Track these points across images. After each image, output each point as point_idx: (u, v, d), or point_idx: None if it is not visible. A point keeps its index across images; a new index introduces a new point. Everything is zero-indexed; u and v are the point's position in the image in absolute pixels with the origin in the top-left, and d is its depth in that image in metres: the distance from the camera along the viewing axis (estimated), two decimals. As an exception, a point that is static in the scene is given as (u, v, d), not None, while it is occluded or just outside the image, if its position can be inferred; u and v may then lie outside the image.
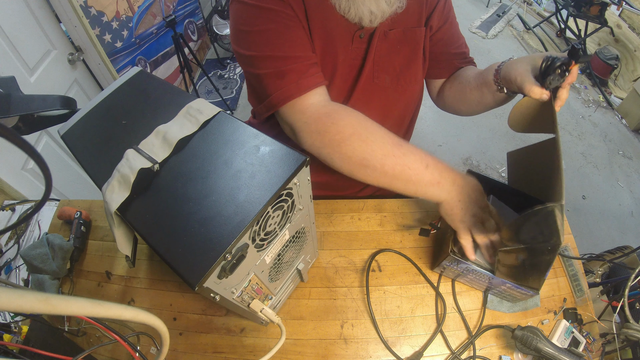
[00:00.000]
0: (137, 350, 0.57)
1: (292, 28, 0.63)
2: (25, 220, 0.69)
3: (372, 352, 0.63)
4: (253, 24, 0.63)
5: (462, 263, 0.60)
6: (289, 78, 0.62)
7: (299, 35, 0.63)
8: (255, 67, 0.64)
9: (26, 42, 1.28)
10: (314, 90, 0.63)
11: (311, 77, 0.62)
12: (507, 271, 0.58)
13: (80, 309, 0.23)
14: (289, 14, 0.62)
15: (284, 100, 0.63)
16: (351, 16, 0.62)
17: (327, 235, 0.75)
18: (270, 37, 0.62)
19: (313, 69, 0.63)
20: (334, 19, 0.65)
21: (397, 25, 0.68)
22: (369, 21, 0.62)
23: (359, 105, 0.75)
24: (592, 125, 2.57)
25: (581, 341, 0.61)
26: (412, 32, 0.70)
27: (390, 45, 0.70)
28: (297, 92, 0.61)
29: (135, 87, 0.55)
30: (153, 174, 0.42)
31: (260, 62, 0.63)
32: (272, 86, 0.63)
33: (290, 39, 0.62)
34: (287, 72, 0.62)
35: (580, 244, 0.73)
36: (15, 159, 1.26)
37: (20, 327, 0.59)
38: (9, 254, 0.82)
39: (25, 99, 0.54)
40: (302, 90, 0.62)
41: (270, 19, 0.62)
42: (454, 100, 0.82)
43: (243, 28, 0.64)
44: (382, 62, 0.71)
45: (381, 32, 0.68)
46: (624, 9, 2.76)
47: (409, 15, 0.69)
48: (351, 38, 0.68)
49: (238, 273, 0.40)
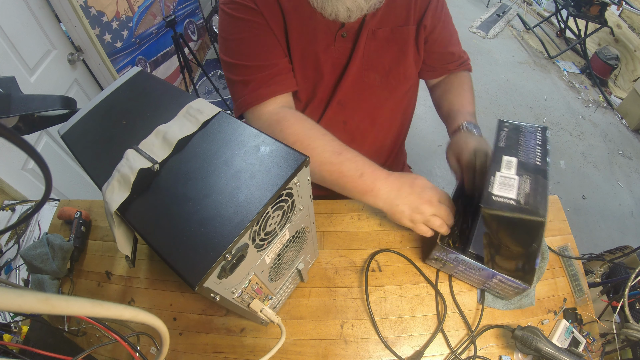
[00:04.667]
0: (137, 350, 0.57)
1: (261, 37, 0.67)
2: (25, 220, 0.69)
3: (372, 352, 0.63)
4: (229, 32, 0.68)
5: (451, 253, 0.60)
6: (251, 87, 0.67)
7: (268, 42, 0.67)
8: (230, 72, 0.70)
9: (26, 42, 1.28)
10: (272, 99, 0.67)
11: (271, 86, 0.67)
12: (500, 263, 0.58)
13: (80, 309, 0.23)
14: (259, 23, 0.66)
15: (245, 107, 0.68)
16: (327, 12, 0.63)
17: (327, 235, 0.75)
18: (240, 46, 0.68)
19: (276, 77, 0.67)
20: (314, 20, 0.67)
21: (385, 24, 0.69)
22: (346, 17, 0.63)
23: (349, 104, 0.77)
24: (592, 125, 2.57)
25: (581, 341, 0.61)
26: (400, 31, 0.71)
27: (378, 44, 0.71)
28: (256, 100, 0.67)
29: (135, 87, 0.55)
30: (153, 174, 0.42)
31: (233, 68, 0.69)
32: (238, 93, 0.69)
33: (258, 48, 0.67)
34: (250, 81, 0.67)
35: (580, 244, 0.73)
36: (15, 159, 1.26)
37: (20, 327, 0.59)
38: (9, 254, 0.82)
39: (25, 99, 0.55)
40: (260, 98, 0.66)
41: (242, 28, 0.66)
42: (436, 107, 0.88)
43: (222, 35, 0.69)
44: (371, 61, 0.72)
45: (369, 30, 0.69)
46: (624, 9, 2.75)
47: (397, 14, 0.70)
48: (333, 38, 0.69)
49: (238, 273, 0.40)
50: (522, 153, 0.56)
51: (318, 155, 0.61)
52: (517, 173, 0.54)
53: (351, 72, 0.72)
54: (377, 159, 0.92)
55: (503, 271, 0.58)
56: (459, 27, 0.80)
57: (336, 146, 0.63)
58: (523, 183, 0.52)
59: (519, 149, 0.57)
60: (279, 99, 0.68)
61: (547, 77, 2.95)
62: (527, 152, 0.57)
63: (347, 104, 0.77)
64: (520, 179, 0.53)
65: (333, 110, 0.77)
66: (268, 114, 0.67)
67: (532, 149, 0.57)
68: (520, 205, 0.48)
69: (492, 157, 0.57)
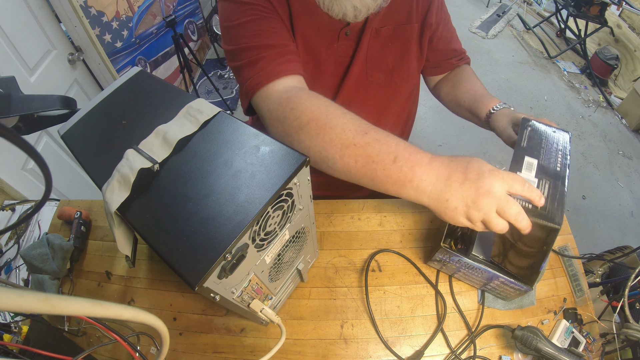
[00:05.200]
0: (137, 350, 0.57)
1: (268, 19, 0.62)
2: (25, 220, 0.69)
3: (372, 352, 0.63)
4: (233, 18, 0.63)
5: (454, 256, 0.60)
6: (259, 66, 0.59)
7: (275, 25, 0.62)
8: (235, 60, 0.63)
9: (26, 42, 1.28)
10: (283, 78, 0.59)
11: (282, 64, 0.59)
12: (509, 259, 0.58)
13: (80, 309, 0.23)
14: (265, 6, 0.62)
15: (254, 88, 0.60)
16: (334, 12, 0.62)
17: (327, 235, 0.75)
18: (246, 29, 0.61)
19: (286, 56, 0.60)
20: (317, 18, 0.65)
21: (388, 23, 0.69)
22: (353, 16, 0.62)
23: (353, 103, 0.76)
24: (592, 125, 2.57)
25: (581, 341, 0.61)
26: (402, 29, 0.71)
27: (382, 43, 0.70)
28: (266, 79, 0.58)
29: (135, 87, 0.55)
30: (153, 174, 0.42)
31: (238, 54, 0.62)
32: (245, 75, 0.61)
33: (265, 28, 0.61)
34: (258, 60, 0.59)
35: (580, 244, 0.73)
36: (15, 159, 1.26)
37: (20, 327, 0.59)
38: (9, 254, 0.82)
39: (25, 99, 0.55)
40: (270, 77, 0.58)
41: (246, 11, 0.62)
42: (448, 102, 0.85)
43: (225, 24, 0.64)
44: (375, 60, 0.71)
45: (372, 29, 0.68)
46: (624, 9, 2.75)
47: (399, 13, 0.69)
48: (336, 36, 0.68)
49: (238, 273, 0.40)
50: (544, 156, 0.55)
51: (338, 136, 0.49)
52: (537, 176, 0.53)
53: (355, 71, 0.71)
54: None
55: (509, 267, 0.58)
56: (459, 27, 0.80)
57: (361, 125, 0.51)
58: (542, 187, 0.51)
59: (541, 151, 0.56)
60: (290, 78, 0.59)
61: (547, 77, 2.95)
62: (549, 155, 0.56)
63: (351, 103, 0.76)
64: (539, 182, 0.52)
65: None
66: (278, 93, 0.57)
67: (554, 154, 0.56)
68: (537, 209, 0.47)
69: (514, 156, 0.55)
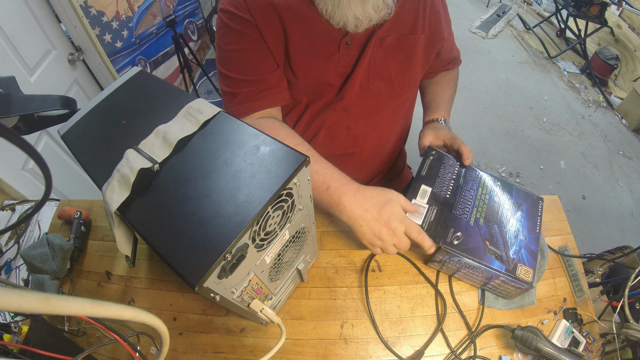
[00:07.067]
0: (137, 350, 0.57)
1: (252, 51, 0.67)
2: (25, 220, 0.69)
3: (372, 352, 0.63)
4: (224, 41, 0.69)
5: (454, 256, 0.60)
6: (238, 99, 0.69)
7: (259, 57, 0.68)
8: (221, 82, 0.72)
9: (26, 42, 1.28)
10: (256, 113, 0.69)
11: (257, 101, 0.69)
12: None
13: (80, 309, 0.23)
14: (252, 36, 0.66)
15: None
16: (335, 21, 0.62)
17: (327, 235, 0.75)
18: (232, 58, 0.69)
19: (265, 92, 0.69)
20: (314, 33, 0.66)
21: (392, 32, 0.69)
22: (353, 26, 0.62)
23: (354, 110, 0.77)
24: (592, 125, 2.57)
25: (581, 341, 0.61)
26: (406, 39, 0.71)
27: (385, 52, 0.71)
28: (242, 113, 0.69)
29: (135, 87, 0.55)
30: (153, 174, 0.42)
31: (222, 78, 0.71)
32: (227, 104, 0.72)
33: (248, 62, 0.68)
34: (237, 94, 0.69)
35: (580, 244, 0.73)
36: (15, 159, 1.26)
37: (20, 327, 0.59)
38: (9, 254, 0.82)
39: (25, 99, 0.54)
40: (245, 112, 0.69)
41: (235, 40, 0.67)
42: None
43: (218, 43, 0.71)
44: (377, 69, 0.72)
45: (377, 38, 0.68)
46: (624, 9, 2.75)
47: (404, 23, 0.70)
48: (337, 47, 0.68)
49: (238, 273, 0.40)
50: (438, 184, 0.68)
51: None
52: (428, 202, 0.65)
53: (357, 79, 0.72)
54: (379, 161, 0.92)
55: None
56: (459, 27, 0.81)
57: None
58: (430, 212, 0.64)
59: (437, 179, 0.68)
60: (261, 112, 0.70)
61: (547, 77, 2.95)
62: (442, 184, 0.68)
63: (352, 110, 0.77)
64: (429, 207, 0.64)
65: (337, 115, 0.77)
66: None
67: (446, 182, 0.68)
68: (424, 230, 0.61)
69: (413, 183, 0.67)
